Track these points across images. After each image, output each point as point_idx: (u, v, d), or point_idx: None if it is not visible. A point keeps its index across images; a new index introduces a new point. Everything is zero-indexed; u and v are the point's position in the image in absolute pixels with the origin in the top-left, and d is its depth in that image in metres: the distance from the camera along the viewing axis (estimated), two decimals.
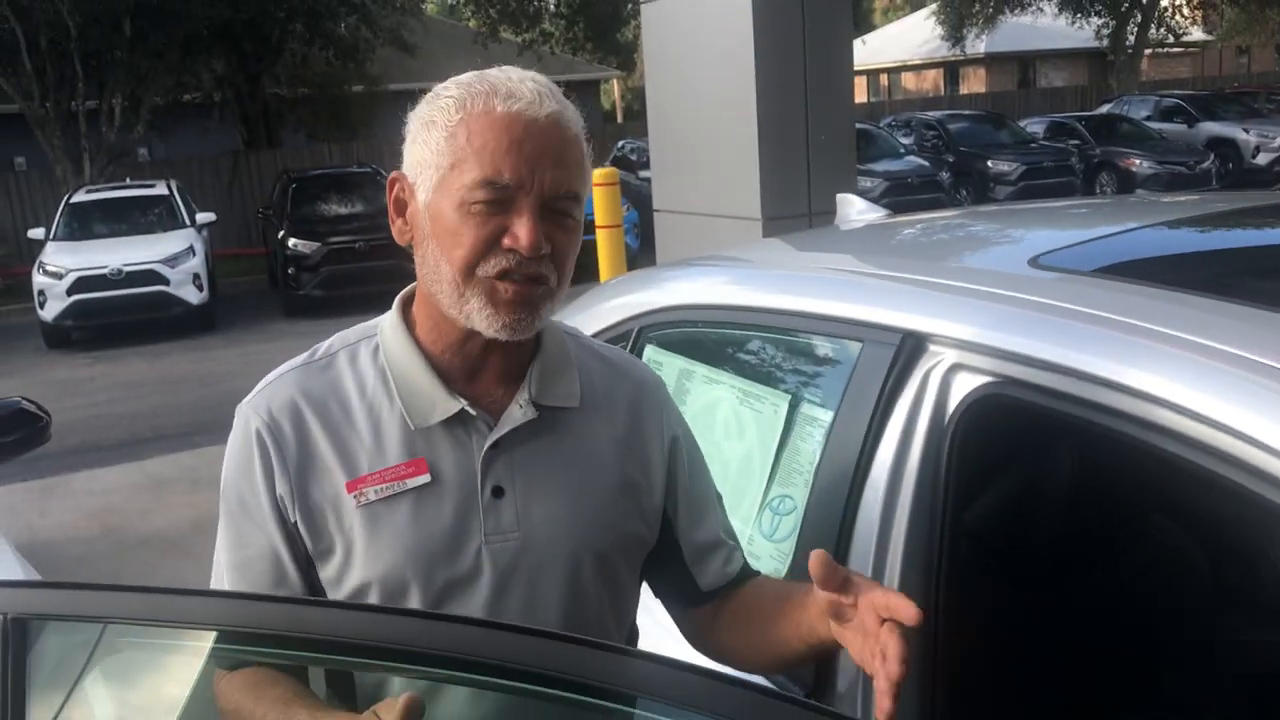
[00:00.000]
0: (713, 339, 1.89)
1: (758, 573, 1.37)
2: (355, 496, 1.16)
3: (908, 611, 1.01)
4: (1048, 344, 1.30)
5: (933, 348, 1.42)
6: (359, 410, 1.19)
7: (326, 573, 1.18)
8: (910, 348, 1.44)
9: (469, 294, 1.14)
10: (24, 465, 6.30)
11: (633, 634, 1.36)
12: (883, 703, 1.00)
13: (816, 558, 1.05)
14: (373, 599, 1.16)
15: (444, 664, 0.90)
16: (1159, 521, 1.56)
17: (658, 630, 1.40)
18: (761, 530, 1.62)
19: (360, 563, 1.16)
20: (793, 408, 1.62)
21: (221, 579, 1.22)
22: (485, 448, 1.18)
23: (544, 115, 1.13)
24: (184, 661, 1.00)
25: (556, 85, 1.18)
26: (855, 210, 2.39)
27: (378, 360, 1.22)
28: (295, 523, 1.17)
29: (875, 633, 1.03)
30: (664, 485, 1.30)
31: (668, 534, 1.31)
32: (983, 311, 1.41)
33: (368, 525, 1.16)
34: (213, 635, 0.92)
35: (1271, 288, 1.51)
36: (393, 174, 1.21)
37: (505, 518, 1.18)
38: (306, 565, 1.19)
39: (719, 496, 1.39)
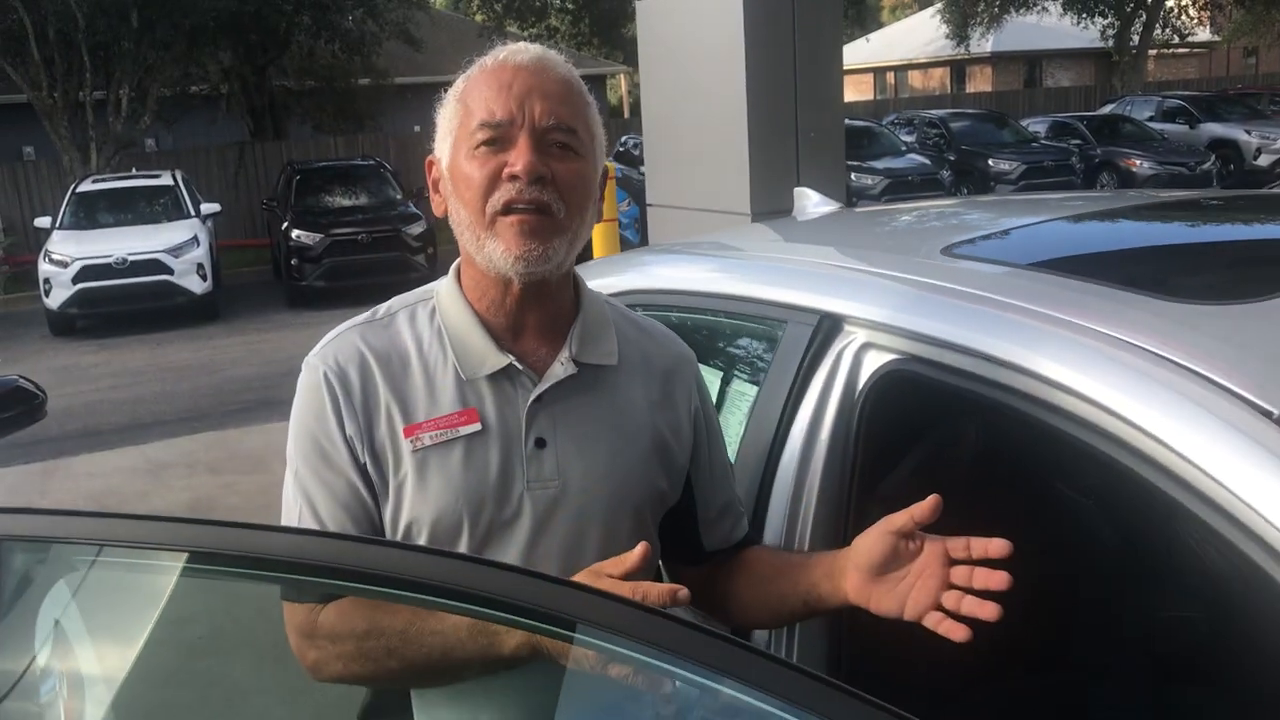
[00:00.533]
0: (660, 320, 2.00)
1: (757, 541, 1.47)
2: (412, 441, 1.24)
3: (1000, 547, 1.17)
4: (948, 325, 1.41)
5: (847, 327, 1.53)
6: (416, 364, 1.28)
7: (385, 513, 1.26)
8: (827, 328, 1.55)
9: (485, 237, 1.24)
10: (25, 448, 6.45)
11: None
12: (956, 630, 1.16)
13: (934, 500, 1.19)
14: (423, 539, 1.24)
15: (495, 606, 0.94)
16: (1059, 495, 1.67)
17: None
18: None
19: (414, 504, 1.24)
20: (725, 383, 1.74)
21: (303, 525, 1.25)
22: (530, 401, 1.27)
23: (530, 59, 1.27)
24: (150, 581, 1.08)
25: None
26: (811, 204, 2.51)
27: (434, 320, 1.31)
28: (365, 464, 1.25)
29: (936, 572, 1.19)
30: (690, 449, 1.39)
31: (686, 495, 1.40)
32: (892, 294, 1.52)
33: (422, 469, 1.24)
34: (183, 558, 0.97)
35: (1167, 279, 1.62)
36: (428, 159, 1.34)
37: (547, 467, 1.27)
38: (377, 504, 1.26)
39: (730, 466, 1.50)
